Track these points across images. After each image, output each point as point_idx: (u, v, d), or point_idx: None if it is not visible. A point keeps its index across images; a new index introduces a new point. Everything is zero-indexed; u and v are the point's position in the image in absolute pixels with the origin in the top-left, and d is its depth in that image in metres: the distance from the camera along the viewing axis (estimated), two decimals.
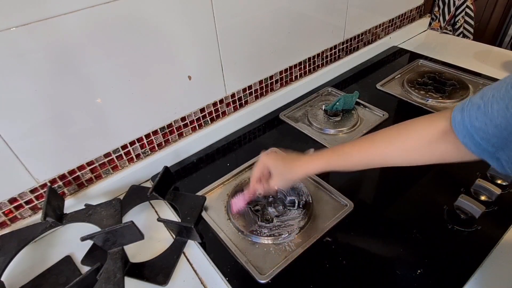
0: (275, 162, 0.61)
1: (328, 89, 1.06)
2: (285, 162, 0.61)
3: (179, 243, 0.64)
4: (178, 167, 0.82)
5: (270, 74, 0.93)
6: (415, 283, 0.55)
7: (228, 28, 0.76)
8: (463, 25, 1.36)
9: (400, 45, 1.30)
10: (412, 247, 0.60)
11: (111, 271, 0.55)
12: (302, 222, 0.65)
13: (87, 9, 0.56)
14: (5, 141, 0.57)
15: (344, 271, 0.58)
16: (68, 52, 0.57)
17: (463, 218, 0.63)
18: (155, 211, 0.72)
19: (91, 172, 0.71)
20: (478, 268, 0.56)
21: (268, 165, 0.61)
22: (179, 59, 0.72)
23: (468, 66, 1.09)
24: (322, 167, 0.58)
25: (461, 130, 0.43)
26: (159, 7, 0.63)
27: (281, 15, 0.85)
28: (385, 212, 0.67)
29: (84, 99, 0.63)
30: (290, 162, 0.60)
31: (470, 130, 0.42)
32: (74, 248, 0.65)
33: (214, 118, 0.87)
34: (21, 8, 0.50)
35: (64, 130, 0.63)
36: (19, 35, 0.51)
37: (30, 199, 0.65)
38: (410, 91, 1.01)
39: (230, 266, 0.60)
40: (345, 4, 1.00)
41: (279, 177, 0.61)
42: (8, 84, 0.54)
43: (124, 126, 0.71)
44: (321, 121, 0.92)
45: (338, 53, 1.11)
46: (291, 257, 0.60)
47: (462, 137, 0.43)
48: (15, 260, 0.59)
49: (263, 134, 0.91)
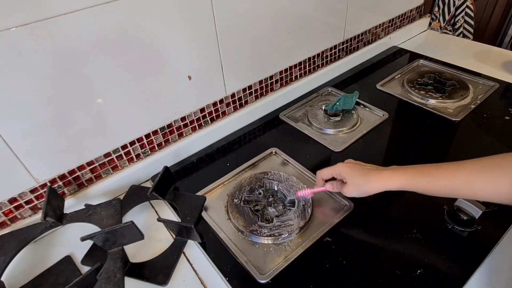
0: (352, 171, 0.59)
1: (328, 89, 1.06)
2: (363, 173, 0.58)
3: (179, 243, 0.64)
4: (178, 167, 0.82)
5: (270, 74, 0.93)
6: (415, 283, 0.55)
7: (228, 28, 0.76)
8: (463, 25, 1.36)
9: (400, 45, 1.30)
10: (412, 247, 0.60)
11: (111, 271, 0.55)
12: (302, 222, 0.65)
13: (87, 9, 0.56)
14: (5, 141, 0.57)
15: (344, 271, 0.58)
16: (68, 52, 0.57)
17: (463, 218, 0.63)
18: (155, 211, 0.72)
19: (91, 172, 0.71)
20: (478, 268, 0.56)
21: (343, 174, 0.59)
22: (179, 59, 0.72)
23: (468, 66, 1.09)
24: (402, 185, 0.55)
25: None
26: (159, 7, 0.63)
27: (281, 15, 0.85)
28: (385, 212, 0.67)
29: (84, 99, 0.63)
30: (367, 174, 0.57)
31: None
32: (74, 248, 0.65)
33: (214, 118, 0.87)
34: (21, 8, 0.50)
35: (64, 130, 0.63)
36: (19, 35, 0.51)
37: (30, 199, 0.65)
38: (410, 91, 1.01)
39: (230, 266, 0.60)
40: (345, 4, 1.00)
41: (354, 187, 0.59)
42: (8, 84, 0.54)
43: (124, 126, 0.71)
44: (321, 121, 0.92)
45: (338, 53, 1.11)
46: (291, 257, 0.60)
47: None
48: (15, 260, 0.59)
49: (263, 134, 0.91)
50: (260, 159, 0.82)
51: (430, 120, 0.90)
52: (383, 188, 0.57)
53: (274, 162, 0.82)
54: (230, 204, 0.70)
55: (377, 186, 0.57)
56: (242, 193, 0.72)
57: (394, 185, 0.55)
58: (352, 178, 0.59)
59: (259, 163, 0.82)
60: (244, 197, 0.71)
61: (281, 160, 0.82)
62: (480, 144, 0.81)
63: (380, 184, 0.56)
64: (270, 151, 0.83)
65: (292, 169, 0.79)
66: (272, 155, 0.84)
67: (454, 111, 0.93)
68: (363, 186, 0.58)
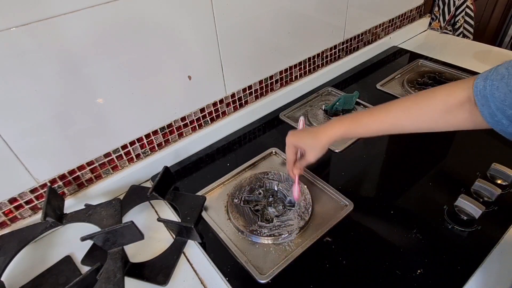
0: (300, 137, 0.64)
1: (328, 89, 1.06)
2: (309, 133, 0.63)
3: (179, 243, 0.64)
4: (178, 167, 0.82)
5: (270, 74, 0.93)
6: (415, 283, 0.55)
7: (228, 28, 0.76)
8: (463, 25, 1.36)
9: (400, 45, 1.30)
10: (412, 247, 0.60)
11: (111, 271, 0.55)
12: (302, 222, 0.65)
13: (88, 9, 0.56)
14: (5, 141, 0.57)
15: (344, 271, 0.58)
16: (68, 52, 0.57)
17: (463, 218, 0.63)
18: (155, 211, 0.72)
19: (91, 172, 0.71)
20: (478, 268, 0.56)
21: (295, 143, 0.64)
22: (179, 59, 0.72)
23: (468, 66, 1.09)
24: (342, 133, 0.61)
25: (480, 98, 0.43)
26: (159, 7, 0.63)
27: (281, 15, 0.85)
28: (385, 212, 0.67)
29: (84, 99, 0.63)
30: (313, 132, 0.62)
31: (489, 99, 0.42)
32: (74, 248, 0.65)
33: (214, 118, 0.87)
34: (21, 8, 0.50)
35: (64, 130, 0.63)
36: (19, 35, 0.51)
37: (30, 199, 0.65)
38: (410, 91, 1.01)
39: (230, 266, 0.60)
40: (345, 4, 1.00)
41: (310, 150, 0.63)
42: (9, 84, 0.54)
43: (124, 126, 0.71)
44: (321, 121, 0.92)
45: (338, 53, 1.11)
46: (291, 257, 0.60)
47: (480, 105, 0.43)
48: (15, 260, 0.59)
49: (263, 134, 0.91)
50: (260, 159, 0.82)
51: None
52: (331, 139, 0.61)
53: (274, 162, 0.82)
54: (230, 204, 0.70)
55: (325, 138, 0.61)
56: (242, 193, 0.72)
57: (336, 134, 0.61)
58: (304, 143, 0.63)
59: (259, 163, 0.82)
60: (244, 197, 0.71)
61: (281, 160, 0.82)
62: (479, 143, 0.81)
63: (326, 135, 0.61)
64: (270, 151, 0.83)
65: None
66: (272, 155, 0.84)
67: None
68: (316, 145, 0.62)
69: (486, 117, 0.43)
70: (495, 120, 0.42)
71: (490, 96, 0.42)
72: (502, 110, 0.41)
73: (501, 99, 0.40)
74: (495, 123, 0.43)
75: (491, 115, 0.42)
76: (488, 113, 0.42)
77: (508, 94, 0.40)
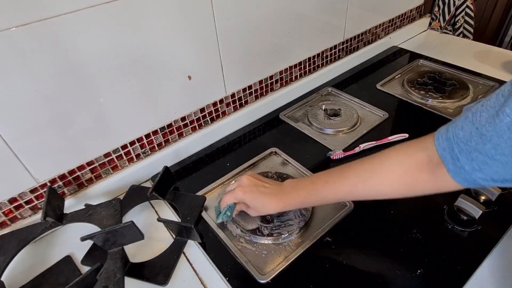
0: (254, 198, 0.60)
1: (328, 89, 1.06)
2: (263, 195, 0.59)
3: (179, 243, 0.64)
4: (178, 167, 0.82)
5: (270, 74, 0.93)
6: (415, 283, 0.55)
7: (228, 28, 0.76)
8: (463, 25, 1.36)
9: (400, 45, 1.30)
10: (412, 247, 0.60)
11: (111, 271, 0.55)
12: (302, 222, 0.65)
13: (88, 9, 0.56)
14: (5, 141, 0.57)
15: (344, 271, 0.58)
16: (68, 52, 0.57)
17: (463, 218, 0.63)
18: (155, 211, 0.72)
19: (91, 172, 0.71)
20: (478, 268, 0.56)
21: (245, 201, 0.61)
22: (179, 59, 0.72)
23: (468, 66, 1.09)
24: (297, 205, 0.61)
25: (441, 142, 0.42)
26: (159, 6, 0.63)
27: (281, 15, 0.85)
28: (385, 212, 0.67)
29: (84, 99, 0.63)
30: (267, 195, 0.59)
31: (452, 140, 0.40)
32: (74, 248, 0.65)
33: (214, 118, 0.87)
34: (21, 8, 0.50)
35: (64, 130, 0.63)
36: (19, 35, 0.51)
37: (30, 199, 0.65)
38: (410, 91, 1.01)
39: (230, 266, 0.60)
40: (345, 4, 1.00)
41: (256, 212, 0.61)
42: (8, 84, 0.54)
43: (124, 126, 0.71)
44: (321, 121, 0.92)
45: (338, 53, 1.11)
46: (291, 257, 0.60)
47: (441, 149, 0.41)
48: (15, 260, 0.59)
49: (263, 134, 0.91)
50: (260, 159, 0.82)
51: (430, 120, 0.90)
52: (282, 210, 0.60)
53: (274, 162, 0.82)
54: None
55: (277, 209, 0.60)
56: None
57: (288, 207, 0.60)
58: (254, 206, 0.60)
59: (259, 163, 0.82)
60: None
61: (281, 160, 0.82)
62: None
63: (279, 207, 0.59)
64: (270, 151, 0.83)
65: (292, 169, 0.79)
66: (272, 155, 0.84)
67: (454, 111, 0.92)
68: (265, 211, 0.61)
69: (448, 164, 0.41)
70: (457, 166, 0.39)
71: (453, 137, 0.40)
72: (466, 153, 0.38)
73: (466, 139, 0.38)
74: (457, 170, 0.40)
75: (453, 159, 0.40)
76: (451, 157, 0.40)
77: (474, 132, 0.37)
